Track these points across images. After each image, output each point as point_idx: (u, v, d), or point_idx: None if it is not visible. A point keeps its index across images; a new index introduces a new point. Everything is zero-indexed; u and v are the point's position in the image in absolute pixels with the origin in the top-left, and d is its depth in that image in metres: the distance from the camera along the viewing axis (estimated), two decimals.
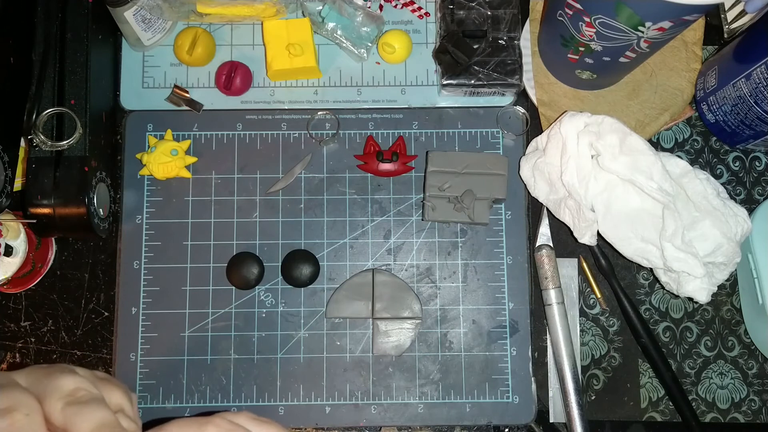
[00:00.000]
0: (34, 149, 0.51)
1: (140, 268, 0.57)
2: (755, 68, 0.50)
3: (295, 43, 0.56)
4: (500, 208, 0.58)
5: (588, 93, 0.58)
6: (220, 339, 0.56)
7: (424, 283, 0.57)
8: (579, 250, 0.57)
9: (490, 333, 0.56)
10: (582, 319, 0.57)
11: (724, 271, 0.52)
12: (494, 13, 0.57)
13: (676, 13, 0.43)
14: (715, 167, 0.59)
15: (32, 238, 0.54)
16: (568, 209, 0.54)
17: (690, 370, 0.56)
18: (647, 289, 0.57)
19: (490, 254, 0.57)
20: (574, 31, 0.49)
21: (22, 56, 0.52)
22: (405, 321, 0.56)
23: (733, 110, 0.54)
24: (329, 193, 0.58)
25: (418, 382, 0.56)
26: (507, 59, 0.57)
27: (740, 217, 0.52)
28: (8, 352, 0.56)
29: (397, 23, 0.60)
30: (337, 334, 0.56)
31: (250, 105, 0.59)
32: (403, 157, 0.57)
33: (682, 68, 0.58)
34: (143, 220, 0.57)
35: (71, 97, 0.52)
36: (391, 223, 0.58)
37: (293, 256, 0.56)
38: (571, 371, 0.54)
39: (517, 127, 0.59)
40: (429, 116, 0.59)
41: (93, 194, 0.51)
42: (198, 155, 0.58)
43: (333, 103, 0.59)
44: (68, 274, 0.57)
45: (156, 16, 0.56)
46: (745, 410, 0.56)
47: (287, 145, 0.59)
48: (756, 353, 0.56)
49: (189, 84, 0.59)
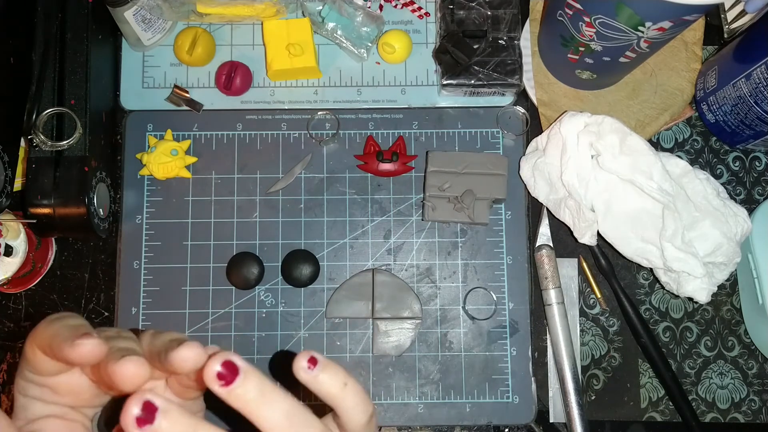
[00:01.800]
0: (34, 149, 0.51)
1: (140, 268, 0.57)
2: (755, 68, 0.50)
3: (295, 43, 0.56)
4: (500, 208, 0.58)
5: (588, 93, 0.58)
6: (220, 339, 0.56)
7: (424, 283, 0.57)
8: (579, 250, 0.57)
9: (490, 333, 0.56)
10: (582, 319, 0.57)
11: (724, 271, 0.52)
12: (494, 13, 0.57)
13: (676, 13, 0.43)
14: (715, 167, 0.59)
15: (32, 238, 0.54)
16: (568, 209, 0.54)
17: (690, 370, 0.56)
18: (647, 289, 0.57)
19: (490, 254, 0.57)
20: (574, 31, 0.49)
21: (22, 56, 0.52)
22: (405, 321, 0.56)
23: (733, 110, 0.54)
24: (329, 193, 0.58)
25: (418, 382, 0.56)
26: (507, 59, 0.57)
27: (740, 217, 0.52)
28: (8, 352, 0.56)
29: (397, 23, 0.60)
30: (337, 334, 0.56)
31: (250, 105, 0.59)
32: (403, 157, 0.57)
33: (682, 68, 0.58)
34: (143, 220, 0.57)
35: (71, 97, 0.52)
36: (391, 223, 0.58)
37: (293, 256, 0.56)
38: (571, 371, 0.54)
39: (517, 127, 0.59)
40: (429, 116, 0.59)
41: (93, 194, 0.51)
42: (198, 155, 0.58)
43: (333, 103, 0.59)
44: (68, 274, 0.57)
45: (156, 16, 0.56)
46: (745, 410, 0.56)
47: (287, 145, 0.59)
48: (756, 353, 0.56)
49: (189, 84, 0.59)
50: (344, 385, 0.27)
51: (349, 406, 0.27)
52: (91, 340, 0.26)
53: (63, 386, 0.29)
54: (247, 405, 0.24)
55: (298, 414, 0.25)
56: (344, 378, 0.27)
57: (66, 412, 0.29)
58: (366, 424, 0.28)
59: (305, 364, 0.26)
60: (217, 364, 0.23)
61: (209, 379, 0.23)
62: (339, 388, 0.27)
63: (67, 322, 0.27)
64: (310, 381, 0.26)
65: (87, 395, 0.29)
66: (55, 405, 0.29)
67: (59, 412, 0.29)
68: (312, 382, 0.26)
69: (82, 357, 0.26)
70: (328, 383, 0.26)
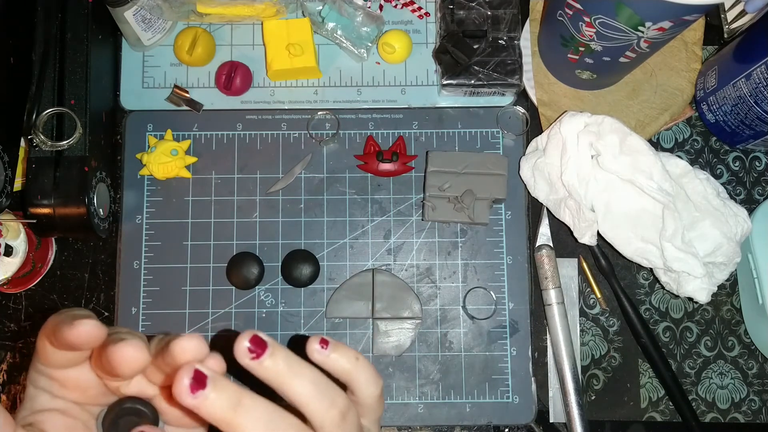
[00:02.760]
0: (34, 149, 0.51)
1: (140, 268, 0.57)
2: (755, 68, 0.50)
3: (295, 43, 0.56)
4: (500, 208, 0.58)
5: (588, 93, 0.58)
6: (220, 339, 0.56)
7: (424, 283, 0.57)
8: (579, 250, 0.57)
9: (490, 333, 0.56)
10: (582, 319, 0.57)
11: (724, 271, 0.52)
12: (494, 13, 0.57)
13: (676, 13, 0.43)
14: (715, 167, 0.59)
15: (32, 238, 0.54)
16: (568, 209, 0.54)
17: (690, 370, 0.56)
18: (647, 289, 0.57)
19: (490, 254, 0.57)
20: (574, 31, 0.49)
21: (22, 56, 0.52)
22: (405, 321, 0.56)
23: (733, 110, 0.54)
24: (329, 193, 0.58)
25: (418, 382, 0.56)
26: (507, 59, 0.57)
27: (740, 217, 0.52)
28: (8, 352, 0.56)
29: (397, 23, 0.60)
30: (337, 334, 0.56)
31: (250, 105, 0.59)
32: (403, 157, 0.57)
33: (682, 68, 0.58)
34: (143, 220, 0.57)
35: (71, 97, 0.52)
36: (391, 223, 0.58)
37: (293, 256, 0.56)
38: (571, 371, 0.54)
39: (517, 127, 0.59)
40: (429, 116, 0.59)
41: (93, 194, 0.51)
42: (198, 155, 0.58)
43: (333, 103, 0.59)
44: (68, 274, 0.57)
45: (156, 16, 0.56)
46: (745, 410, 0.56)
47: (287, 145, 0.59)
48: (756, 353, 0.56)
49: (189, 84, 0.59)
50: (356, 359, 0.29)
51: (362, 380, 0.29)
52: (89, 320, 0.26)
53: (71, 380, 0.29)
54: (277, 376, 0.26)
55: (324, 382, 0.27)
56: (354, 354, 0.29)
57: (70, 408, 0.30)
58: (378, 397, 0.30)
59: (318, 345, 0.28)
60: (245, 340, 0.25)
61: (240, 354, 0.25)
62: (352, 363, 0.29)
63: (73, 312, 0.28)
64: (324, 360, 0.28)
65: (94, 392, 0.30)
66: (61, 399, 0.29)
67: (64, 407, 0.29)
68: (326, 361, 0.28)
69: (80, 337, 0.26)
70: (342, 360, 0.29)
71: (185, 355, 0.26)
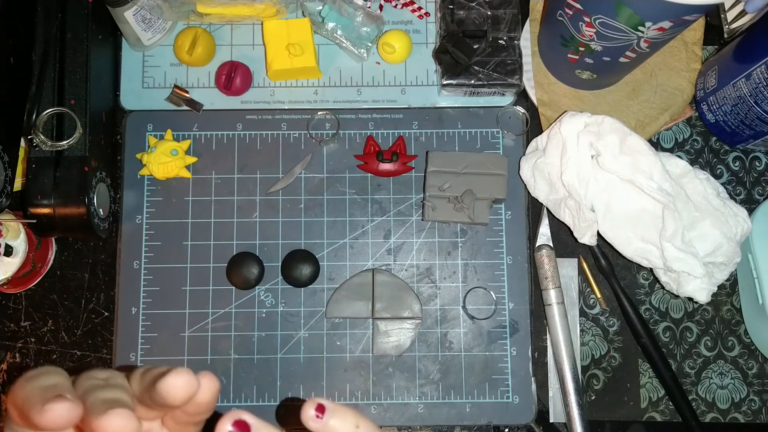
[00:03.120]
0: (34, 149, 0.51)
1: (140, 268, 0.57)
2: (755, 68, 0.50)
3: (295, 43, 0.56)
4: (500, 208, 0.58)
5: (588, 93, 0.58)
6: (220, 339, 0.56)
7: (424, 283, 0.57)
8: (579, 250, 0.57)
9: (490, 333, 0.56)
10: (582, 319, 0.57)
11: (724, 271, 0.52)
12: (494, 13, 0.57)
13: (676, 13, 0.43)
14: (715, 167, 0.59)
15: (32, 238, 0.54)
16: (568, 209, 0.54)
17: (690, 370, 0.56)
18: (647, 289, 0.57)
19: (490, 254, 0.57)
20: (574, 31, 0.49)
21: (22, 56, 0.52)
22: (405, 321, 0.56)
23: (733, 110, 0.54)
24: (329, 193, 0.58)
25: (418, 382, 0.56)
26: (507, 59, 0.57)
27: (740, 217, 0.52)
28: (8, 352, 0.56)
29: (397, 23, 0.60)
30: (337, 334, 0.56)
31: (250, 105, 0.59)
32: (403, 157, 0.57)
33: (682, 68, 0.58)
34: (143, 220, 0.57)
35: (71, 97, 0.52)
36: (391, 223, 0.58)
37: (293, 256, 0.56)
38: (571, 371, 0.54)
39: (517, 127, 0.59)
40: (429, 116, 0.59)
41: (93, 194, 0.51)
42: (198, 155, 0.58)
43: (333, 103, 0.59)
44: (68, 274, 0.57)
45: (156, 16, 0.56)
46: (745, 410, 0.56)
47: (287, 145, 0.59)
48: (756, 353, 0.56)
49: (189, 84, 0.59)
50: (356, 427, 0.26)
51: None
52: (60, 404, 0.23)
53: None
54: None
55: None
56: (355, 420, 0.26)
57: None
58: None
59: (313, 413, 0.26)
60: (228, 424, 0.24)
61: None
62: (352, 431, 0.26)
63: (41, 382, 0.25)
64: (320, 429, 0.26)
65: None
66: None
67: None
68: (323, 430, 0.26)
69: (52, 423, 0.23)
70: (341, 428, 0.26)
71: (177, 393, 0.25)
